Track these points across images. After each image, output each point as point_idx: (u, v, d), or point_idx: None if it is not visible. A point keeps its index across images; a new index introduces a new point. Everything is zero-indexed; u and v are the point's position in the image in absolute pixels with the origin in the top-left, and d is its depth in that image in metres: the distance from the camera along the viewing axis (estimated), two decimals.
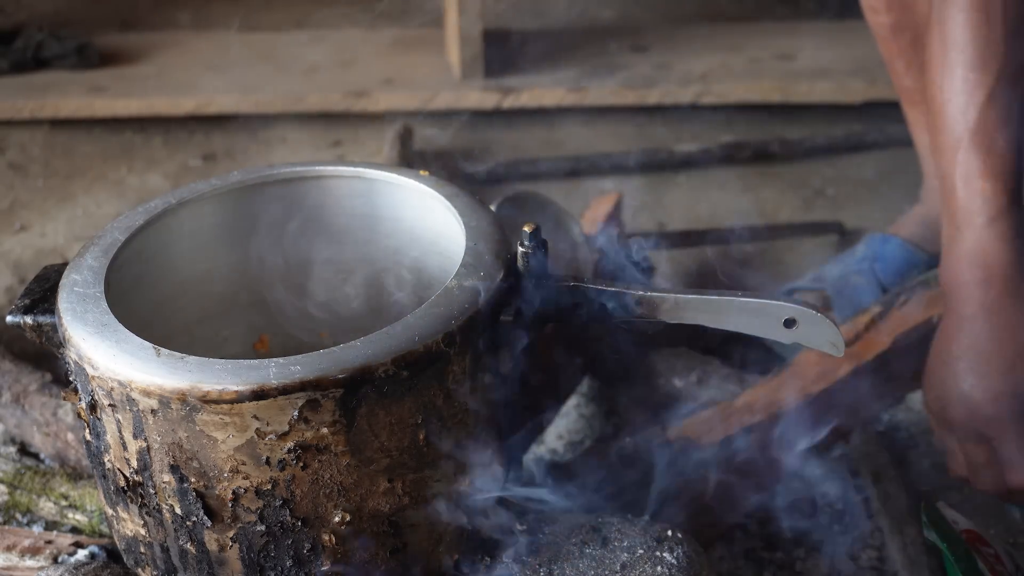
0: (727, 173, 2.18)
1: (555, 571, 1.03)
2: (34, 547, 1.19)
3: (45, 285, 1.04)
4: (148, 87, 2.35)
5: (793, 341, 0.99)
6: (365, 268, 1.24)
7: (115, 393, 0.92)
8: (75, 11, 2.80)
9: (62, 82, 2.37)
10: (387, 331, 0.92)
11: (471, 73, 2.32)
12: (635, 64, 2.40)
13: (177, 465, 0.93)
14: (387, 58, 2.46)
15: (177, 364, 0.90)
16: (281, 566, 0.96)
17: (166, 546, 0.99)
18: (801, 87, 2.29)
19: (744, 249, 1.90)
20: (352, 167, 1.20)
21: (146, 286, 1.12)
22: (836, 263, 1.67)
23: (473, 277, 0.98)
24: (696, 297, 1.00)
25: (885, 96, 2.27)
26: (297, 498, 0.93)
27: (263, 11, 2.84)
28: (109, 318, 0.96)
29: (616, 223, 1.69)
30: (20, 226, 2.05)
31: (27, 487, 1.33)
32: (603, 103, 2.30)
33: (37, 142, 2.30)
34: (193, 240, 1.17)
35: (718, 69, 2.36)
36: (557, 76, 2.35)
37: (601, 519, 1.08)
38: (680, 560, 1.03)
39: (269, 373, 0.89)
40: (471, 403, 0.98)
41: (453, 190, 1.13)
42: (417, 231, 1.20)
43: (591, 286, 1.01)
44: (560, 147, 2.23)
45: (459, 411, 0.97)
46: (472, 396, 0.98)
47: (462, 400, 0.97)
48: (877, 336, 1.32)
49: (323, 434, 0.90)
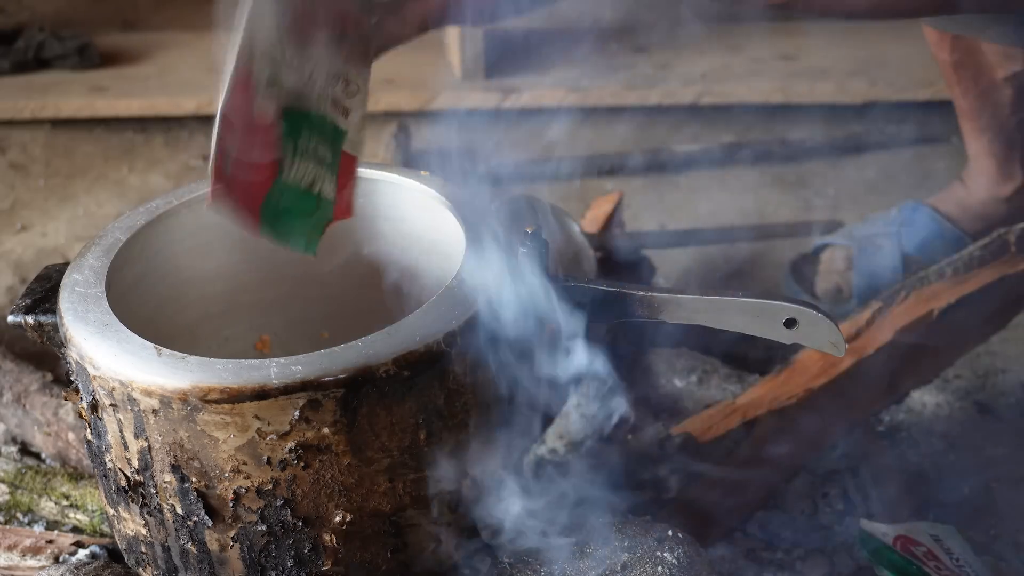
0: (727, 173, 2.18)
1: (555, 571, 1.03)
2: (35, 547, 1.19)
3: (46, 285, 1.05)
4: (149, 87, 2.35)
5: (793, 341, 0.99)
6: (365, 268, 1.24)
7: (116, 393, 0.92)
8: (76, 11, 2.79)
9: (63, 82, 2.37)
10: (388, 331, 0.93)
11: (472, 73, 2.32)
12: (636, 64, 2.40)
13: (178, 465, 0.93)
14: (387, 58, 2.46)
15: (178, 364, 0.91)
16: (282, 566, 0.96)
17: (167, 546, 0.99)
18: (802, 87, 2.29)
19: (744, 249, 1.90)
20: None
21: (147, 286, 1.12)
22: (868, 223, 1.74)
23: (474, 277, 0.98)
24: (696, 297, 1.00)
25: (885, 96, 2.27)
26: (298, 498, 0.93)
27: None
28: (110, 318, 0.96)
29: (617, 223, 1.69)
30: (21, 226, 2.05)
31: (28, 487, 1.33)
32: (604, 103, 2.30)
33: (38, 142, 2.30)
34: (194, 240, 1.17)
35: (719, 69, 2.36)
36: (558, 76, 2.34)
37: (602, 519, 1.08)
38: (680, 560, 1.03)
39: (270, 373, 0.89)
40: (472, 403, 0.98)
41: (453, 190, 1.13)
42: (417, 231, 1.20)
43: (592, 286, 1.01)
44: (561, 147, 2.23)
45: (460, 411, 0.97)
46: (473, 396, 0.98)
47: (463, 400, 0.97)
48: (879, 331, 1.32)
49: (324, 434, 0.91)
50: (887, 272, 1.66)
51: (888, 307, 1.34)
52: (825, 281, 1.71)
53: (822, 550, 1.29)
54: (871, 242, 1.70)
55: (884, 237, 1.70)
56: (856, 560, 1.27)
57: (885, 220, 1.73)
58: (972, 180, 1.70)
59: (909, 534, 1.21)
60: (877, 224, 1.73)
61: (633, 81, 2.32)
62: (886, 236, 1.70)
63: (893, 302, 1.35)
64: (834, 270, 1.71)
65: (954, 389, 1.54)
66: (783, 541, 1.30)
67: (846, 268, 1.71)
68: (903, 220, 1.71)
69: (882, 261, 1.67)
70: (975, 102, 1.60)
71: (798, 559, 1.28)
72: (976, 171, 1.68)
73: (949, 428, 1.47)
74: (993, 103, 1.58)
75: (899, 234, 1.69)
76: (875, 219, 1.74)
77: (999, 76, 1.55)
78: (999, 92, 1.57)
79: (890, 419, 1.48)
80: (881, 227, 1.72)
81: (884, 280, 1.64)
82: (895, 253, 1.68)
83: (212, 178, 0.87)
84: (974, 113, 1.61)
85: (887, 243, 1.69)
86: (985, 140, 1.62)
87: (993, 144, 1.62)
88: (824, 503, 1.34)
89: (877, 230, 1.71)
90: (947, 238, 1.67)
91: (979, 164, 1.66)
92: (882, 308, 1.34)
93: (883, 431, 1.46)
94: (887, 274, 1.65)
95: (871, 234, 1.71)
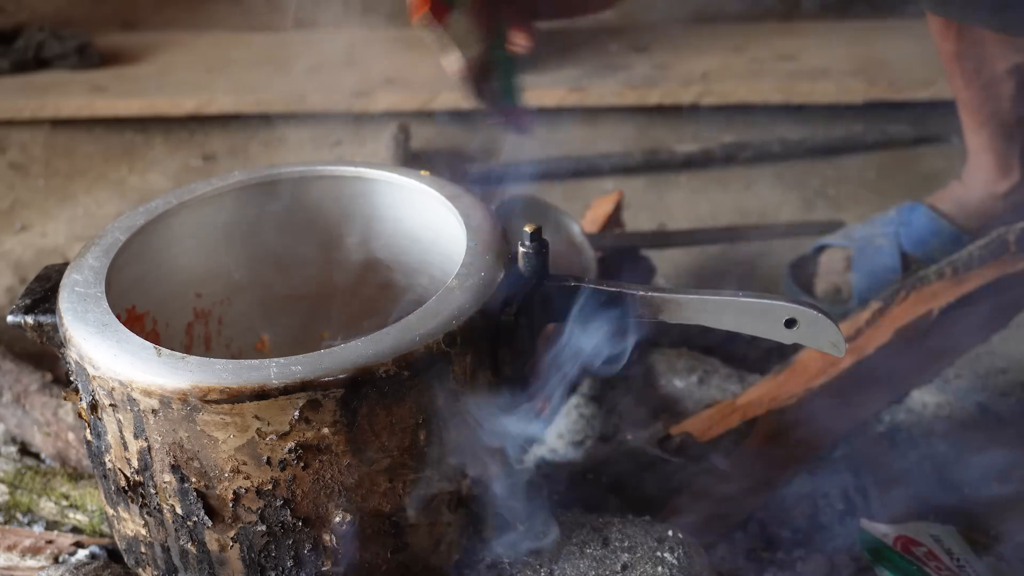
0: (727, 173, 2.18)
1: (555, 571, 1.03)
2: (35, 547, 1.19)
3: (46, 285, 1.04)
4: (149, 87, 2.35)
5: (794, 341, 0.99)
6: (365, 268, 1.24)
7: (116, 393, 0.92)
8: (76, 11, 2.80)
9: (63, 82, 2.37)
10: (388, 331, 0.92)
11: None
12: (636, 64, 2.40)
13: (178, 465, 0.93)
14: (387, 58, 2.46)
15: (178, 364, 0.90)
16: (282, 566, 0.96)
17: (167, 546, 0.99)
18: (802, 87, 2.29)
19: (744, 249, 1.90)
20: (352, 167, 1.20)
21: (147, 286, 1.12)
22: (866, 224, 1.75)
23: (474, 277, 0.98)
24: (697, 297, 1.00)
25: (885, 96, 2.27)
26: (298, 498, 0.93)
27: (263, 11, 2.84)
28: (110, 318, 0.96)
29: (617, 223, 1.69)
30: (21, 226, 2.05)
31: (28, 487, 1.33)
32: (604, 103, 2.30)
33: (38, 142, 2.30)
34: (194, 240, 1.17)
35: (719, 69, 2.36)
36: (558, 76, 2.35)
37: (602, 519, 1.08)
38: (681, 560, 1.03)
39: (270, 373, 0.89)
40: (472, 403, 0.98)
41: (454, 190, 1.13)
42: (417, 231, 1.20)
43: (592, 286, 1.01)
44: (561, 147, 2.23)
45: (460, 411, 0.97)
46: (473, 396, 0.98)
47: (463, 400, 0.97)
48: (878, 331, 1.32)
49: (324, 434, 0.91)
50: (886, 272, 1.66)
51: (888, 307, 1.34)
52: (824, 281, 1.72)
53: (822, 550, 1.29)
54: (870, 242, 1.70)
55: (883, 237, 1.70)
56: (856, 560, 1.27)
57: (884, 220, 1.73)
58: (970, 177, 1.70)
59: (910, 534, 1.21)
60: (876, 224, 1.73)
61: (633, 81, 2.32)
62: (885, 236, 1.70)
63: (893, 302, 1.35)
64: (833, 270, 1.72)
65: (954, 389, 1.54)
66: (783, 541, 1.30)
67: (845, 268, 1.71)
68: (901, 220, 1.71)
69: (881, 261, 1.68)
70: (977, 94, 1.59)
71: (798, 559, 1.28)
72: (975, 167, 1.68)
73: (949, 428, 1.47)
74: (995, 96, 1.58)
75: (898, 234, 1.69)
76: (874, 220, 1.75)
77: (1001, 68, 1.55)
78: (1001, 84, 1.56)
79: (890, 419, 1.48)
80: (880, 227, 1.72)
81: (883, 280, 1.64)
82: (894, 253, 1.68)
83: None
84: (975, 105, 1.61)
85: (886, 243, 1.69)
86: (985, 135, 1.62)
87: (993, 139, 1.62)
88: (824, 503, 1.34)
89: (876, 230, 1.72)
90: (945, 236, 1.67)
91: (978, 159, 1.66)
92: (882, 308, 1.35)
93: (883, 431, 1.46)
94: (886, 274, 1.65)
95: (870, 234, 1.72)
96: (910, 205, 1.73)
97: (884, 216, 1.74)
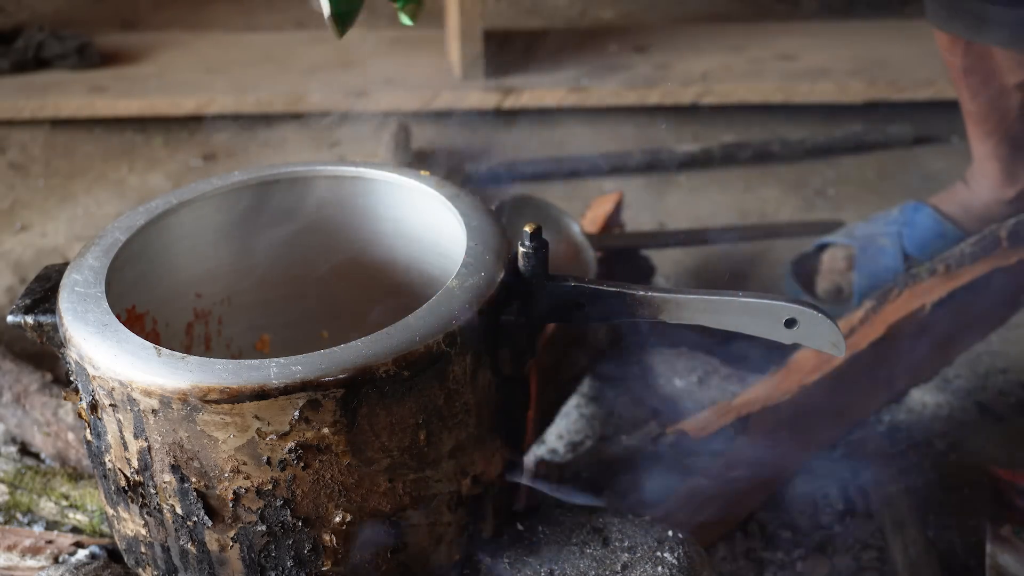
0: (727, 173, 2.18)
1: (555, 571, 1.03)
2: (35, 547, 1.19)
3: (46, 285, 1.04)
4: (149, 87, 2.35)
5: (794, 341, 0.99)
6: (365, 268, 1.24)
7: (116, 393, 0.92)
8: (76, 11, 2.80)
9: (63, 82, 2.37)
10: (388, 331, 0.92)
11: (472, 73, 2.32)
12: (636, 64, 2.40)
13: (178, 465, 0.93)
14: (387, 58, 2.46)
15: (178, 364, 0.90)
16: (282, 566, 0.96)
17: (167, 546, 0.99)
18: (802, 87, 2.29)
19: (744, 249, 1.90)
20: (352, 167, 1.20)
21: (147, 286, 1.12)
22: (869, 222, 1.74)
23: (474, 277, 0.98)
24: (697, 297, 1.00)
25: (885, 96, 2.27)
26: (298, 498, 0.93)
27: (263, 11, 2.84)
28: (110, 318, 0.96)
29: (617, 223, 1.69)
30: (21, 226, 2.05)
31: (28, 487, 1.33)
32: (604, 103, 2.30)
33: (38, 142, 2.30)
34: (194, 240, 1.17)
35: (719, 69, 2.36)
36: (558, 76, 2.34)
37: (602, 519, 1.08)
38: (681, 560, 1.03)
39: (270, 373, 0.89)
40: (472, 403, 0.98)
41: (454, 190, 1.13)
42: (417, 231, 1.20)
43: (592, 286, 1.01)
44: (561, 147, 2.23)
45: (460, 411, 0.97)
46: (473, 396, 0.98)
47: (463, 400, 0.97)
48: (871, 327, 1.32)
49: (324, 434, 0.91)
50: (888, 272, 1.65)
51: (881, 305, 1.34)
52: (825, 281, 1.71)
53: (822, 550, 1.29)
54: (872, 241, 1.69)
55: (885, 237, 1.69)
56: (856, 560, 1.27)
57: (886, 220, 1.72)
58: (975, 181, 1.69)
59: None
60: (878, 223, 1.72)
61: (633, 81, 2.32)
62: (887, 236, 1.69)
63: (886, 300, 1.35)
64: (835, 269, 1.71)
65: (954, 389, 1.54)
66: (783, 541, 1.30)
67: (847, 268, 1.70)
68: (905, 220, 1.70)
69: (883, 261, 1.66)
70: (983, 106, 1.60)
71: (798, 559, 1.28)
72: (980, 173, 1.68)
73: (949, 428, 1.48)
74: (1002, 108, 1.58)
75: (900, 234, 1.69)
76: (876, 218, 1.74)
77: (1010, 82, 1.55)
78: (1008, 97, 1.57)
79: (890, 419, 1.49)
80: (882, 227, 1.71)
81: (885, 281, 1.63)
82: (896, 253, 1.67)
83: None
84: (981, 117, 1.61)
85: (888, 243, 1.68)
86: (991, 144, 1.62)
87: (999, 148, 1.62)
88: (824, 503, 1.34)
89: (878, 230, 1.71)
90: (949, 238, 1.66)
91: (983, 166, 1.66)
92: (875, 306, 1.35)
93: (883, 431, 1.47)
94: (888, 274, 1.64)
95: (872, 233, 1.71)
96: (914, 205, 1.71)
97: (887, 215, 1.73)
